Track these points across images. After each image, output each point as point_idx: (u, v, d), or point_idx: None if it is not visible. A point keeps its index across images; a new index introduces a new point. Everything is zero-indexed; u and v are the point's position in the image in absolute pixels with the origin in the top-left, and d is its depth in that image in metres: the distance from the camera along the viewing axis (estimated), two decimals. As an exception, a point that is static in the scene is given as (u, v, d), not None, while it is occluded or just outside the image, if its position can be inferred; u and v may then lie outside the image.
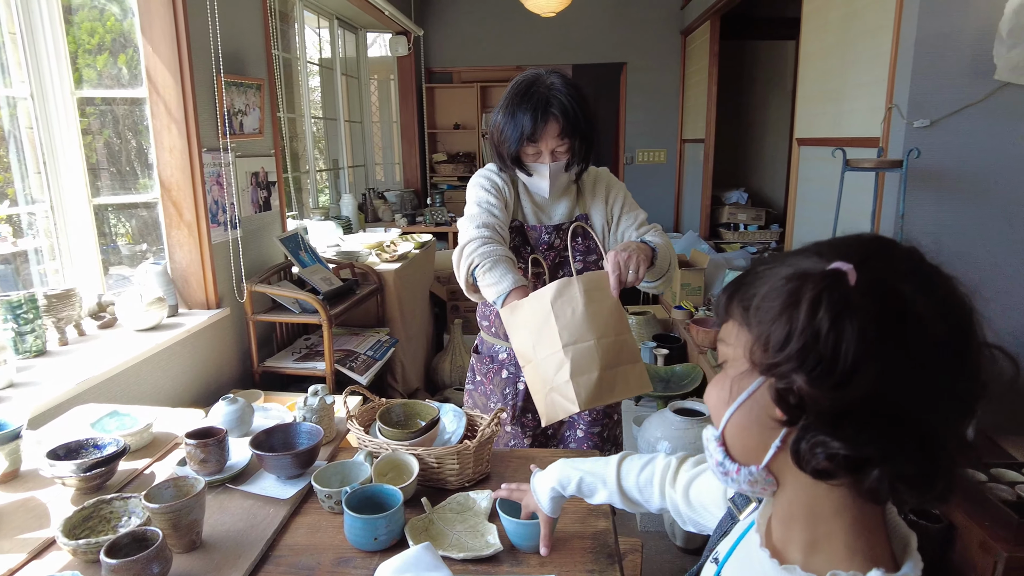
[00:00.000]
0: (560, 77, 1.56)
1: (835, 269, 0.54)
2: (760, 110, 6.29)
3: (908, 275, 0.54)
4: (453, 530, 1.24)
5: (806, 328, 0.53)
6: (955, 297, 0.56)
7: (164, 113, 2.44)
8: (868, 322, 0.51)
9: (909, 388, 0.53)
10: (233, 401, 1.60)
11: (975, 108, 2.26)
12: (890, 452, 0.53)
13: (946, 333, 0.53)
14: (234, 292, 2.69)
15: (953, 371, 0.54)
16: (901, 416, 0.53)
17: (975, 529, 1.97)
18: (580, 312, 1.36)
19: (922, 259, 0.57)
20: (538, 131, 1.52)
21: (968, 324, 0.55)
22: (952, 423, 0.56)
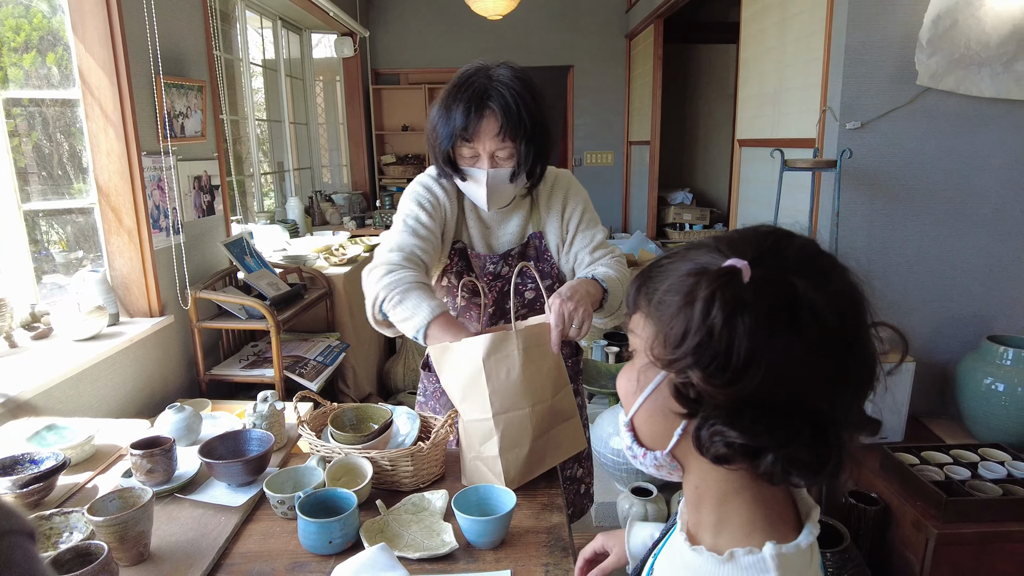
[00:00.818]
0: (509, 68, 1.36)
1: (729, 267, 0.56)
2: (704, 112, 6.46)
3: (801, 268, 0.56)
4: (409, 531, 1.25)
5: (701, 326, 0.54)
6: (847, 287, 0.59)
7: (100, 115, 2.36)
8: (760, 318, 0.54)
9: (802, 379, 0.56)
10: (180, 409, 1.57)
11: (901, 111, 2.38)
12: (784, 440, 0.57)
13: (838, 323, 0.56)
14: (178, 299, 2.62)
15: (845, 358, 0.58)
16: (795, 405, 0.56)
17: (908, 510, 2.08)
18: (516, 375, 1.22)
19: (817, 252, 0.60)
20: (471, 127, 1.31)
21: (859, 312, 0.59)
22: (846, 406, 0.60)
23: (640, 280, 0.65)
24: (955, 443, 2.37)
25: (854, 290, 0.59)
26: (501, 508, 1.22)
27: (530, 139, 1.35)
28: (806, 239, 0.61)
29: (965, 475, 2.14)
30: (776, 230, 0.61)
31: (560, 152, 6.48)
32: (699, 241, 0.63)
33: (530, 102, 1.34)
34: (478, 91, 1.31)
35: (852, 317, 0.58)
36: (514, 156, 1.37)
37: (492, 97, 1.31)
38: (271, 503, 1.30)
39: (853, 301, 0.59)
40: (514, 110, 1.31)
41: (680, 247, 0.65)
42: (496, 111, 1.31)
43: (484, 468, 1.31)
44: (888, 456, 2.25)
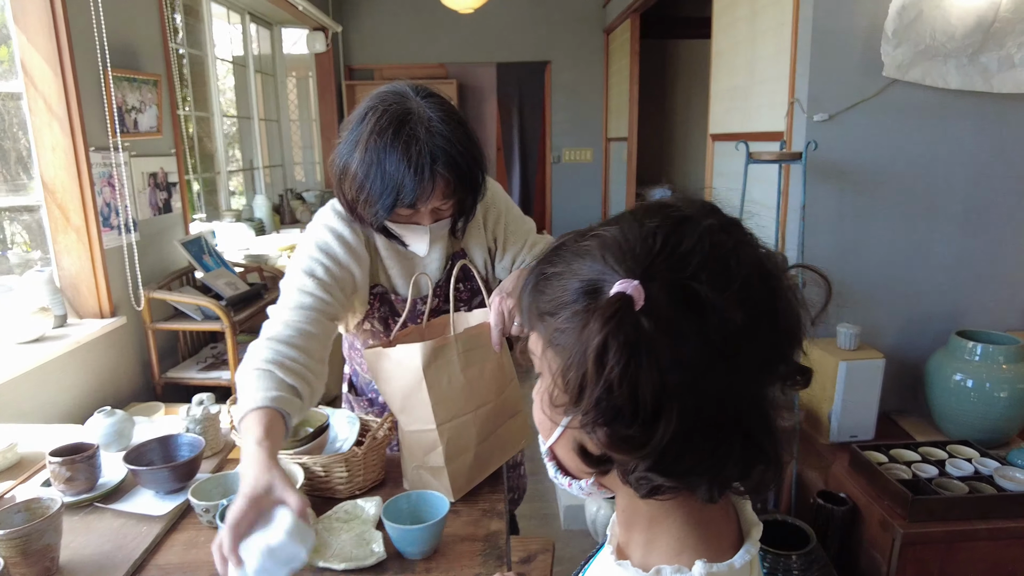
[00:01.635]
0: (436, 106, 1.16)
1: (618, 296, 0.48)
2: (682, 108, 6.43)
3: (701, 266, 0.50)
4: (338, 539, 1.18)
5: (597, 381, 0.47)
6: (753, 267, 0.52)
7: (44, 109, 2.28)
8: (664, 350, 0.47)
9: (724, 391, 0.50)
10: (110, 414, 1.50)
11: (868, 104, 2.34)
12: (716, 466, 0.52)
13: (750, 315, 0.50)
14: (131, 300, 2.54)
15: (764, 343, 0.52)
16: (720, 424, 0.51)
17: (875, 509, 2.04)
18: (458, 382, 1.17)
19: (713, 233, 0.52)
20: (422, 196, 1.14)
21: (769, 289, 0.53)
22: (772, 396, 0.55)
23: (530, 295, 0.58)
24: (924, 440, 2.34)
25: (760, 266, 0.53)
26: (434, 515, 1.16)
27: (475, 191, 1.24)
28: (698, 213, 0.54)
29: (933, 473, 2.10)
30: (664, 217, 0.53)
31: (538, 150, 6.42)
32: (584, 238, 0.55)
33: (471, 148, 1.18)
34: (423, 153, 1.12)
35: (764, 300, 0.52)
36: (456, 206, 1.25)
37: (439, 159, 1.13)
38: (196, 511, 1.24)
39: (762, 280, 0.52)
40: (464, 169, 1.16)
41: (568, 238, 0.57)
42: (446, 175, 1.14)
43: (429, 477, 1.26)
44: (857, 455, 2.21)
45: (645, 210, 0.55)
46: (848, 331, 2.32)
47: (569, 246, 0.56)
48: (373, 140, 1.13)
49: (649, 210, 0.55)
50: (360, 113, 1.18)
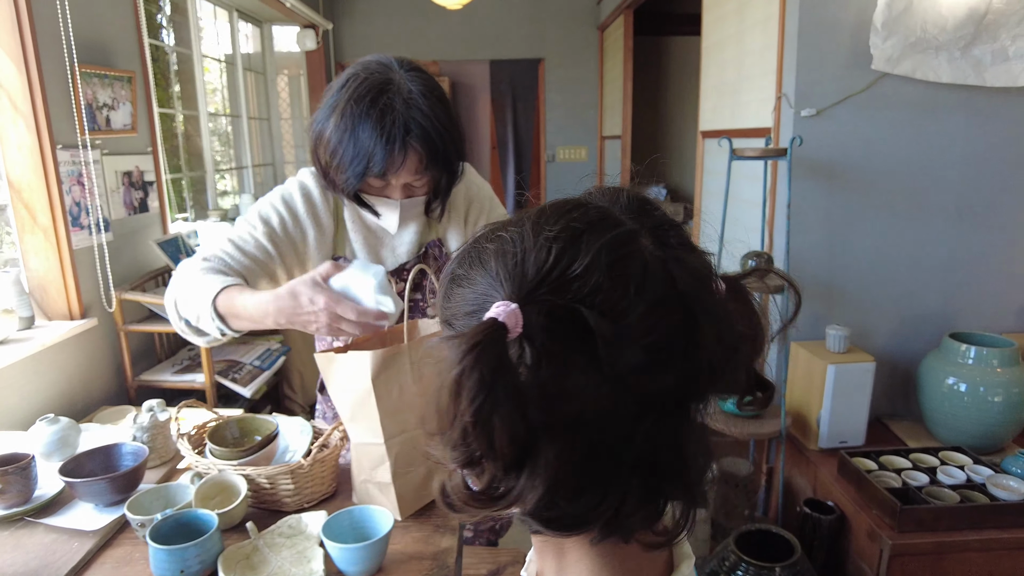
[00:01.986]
0: (419, 80, 1.13)
1: (489, 323, 0.41)
2: (677, 105, 6.35)
3: (596, 287, 0.43)
4: (278, 556, 1.12)
5: (450, 419, 0.41)
6: (670, 286, 0.45)
7: (8, 106, 2.22)
8: (532, 394, 0.41)
9: (617, 438, 0.44)
10: (53, 421, 1.44)
11: (857, 98, 2.27)
12: (603, 514, 0.45)
13: (656, 348, 0.44)
14: (102, 301, 2.48)
15: (681, 385, 0.46)
16: (610, 472, 0.44)
17: (863, 518, 1.97)
18: (410, 393, 1.12)
19: (623, 242, 0.45)
20: (391, 168, 1.13)
21: (693, 313, 0.45)
22: (694, 426, 0.48)
23: (442, 297, 0.51)
24: (916, 446, 2.27)
25: (686, 283, 0.46)
26: (378, 532, 1.09)
27: (450, 169, 1.20)
28: (608, 219, 0.47)
29: (923, 481, 2.03)
30: (565, 225, 0.46)
31: (533, 147, 6.35)
32: (491, 237, 0.49)
33: (450, 127, 1.15)
34: (397, 123, 1.09)
35: (679, 327, 0.45)
36: (429, 184, 1.21)
37: (412, 132, 1.10)
38: (132, 525, 1.17)
39: (680, 302, 0.45)
40: (438, 145, 1.13)
41: (485, 232, 0.50)
42: (418, 149, 1.11)
43: (376, 492, 1.20)
44: (845, 462, 2.13)
45: (553, 210, 0.48)
46: (837, 333, 2.25)
47: (479, 244, 0.49)
48: (350, 107, 1.11)
49: (556, 211, 0.48)
50: (342, 79, 1.16)
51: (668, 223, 0.50)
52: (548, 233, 0.45)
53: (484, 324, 0.41)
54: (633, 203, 0.51)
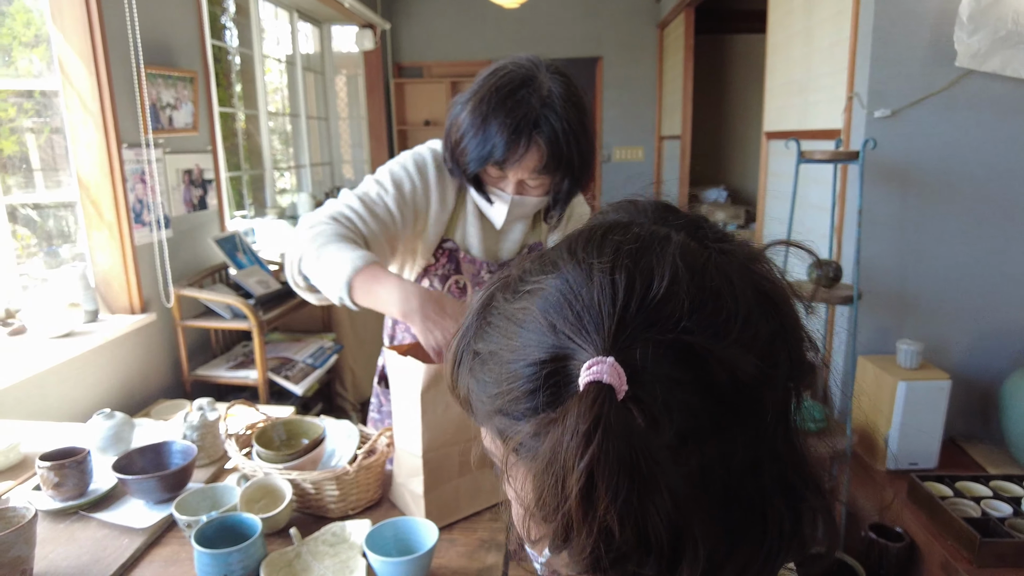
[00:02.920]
0: (562, 83, 1.11)
1: (591, 388, 0.34)
2: (739, 105, 6.16)
3: (689, 308, 0.37)
4: (321, 565, 1.10)
5: (586, 525, 0.33)
6: (750, 282, 0.40)
7: (79, 106, 2.30)
8: (672, 459, 0.34)
9: (754, 470, 0.39)
10: (109, 416, 1.46)
11: (937, 98, 2.12)
12: (774, 542, 0.40)
13: (767, 353, 0.38)
14: (161, 297, 2.54)
15: (786, 386, 0.41)
16: (760, 513, 0.39)
17: (936, 548, 1.84)
18: (455, 411, 1.07)
19: (687, 249, 0.39)
20: (511, 159, 1.12)
21: (776, 303, 0.40)
22: (795, 423, 0.43)
23: (468, 380, 0.44)
24: (996, 473, 2.11)
25: (756, 278, 0.41)
26: (421, 546, 1.06)
27: (572, 172, 1.16)
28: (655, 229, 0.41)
29: (1006, 512, 1.88)
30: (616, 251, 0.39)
31: (588, 148, 6.27)
32: (517, 296, 0.41)
33: (580, 134, 1.12)
34: (528, 117, 1.08)
35: (774, 322, 0.40)
36: (545, 187, 1.19)
37: (540, 128, 1.09)
38: (179, 525, 1.17)
39: (763, 297, 0.40)
40: (563, 147, 1.10)
41: (495, 292, 0.44)
42: (542, 145, 1.10)
43: (409, 500, 1.19)
44: (917, 486, 2.00)
45: (587, 242, 0.41)
46: (909, 348, 2.11)
47: (500, 308, 0.42)
48: (489, 95, 1.12)
49: (593, 242, 0.41)
50: (489, 69, 1.17)
51: (701, 220, 0.45)
52: (600, 264, 0.38)
53: (589, 394, 0.34)
54: (659, 209, 0.45)
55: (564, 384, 0.37)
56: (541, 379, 0.38)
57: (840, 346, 2.36)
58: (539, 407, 0.38)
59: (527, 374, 0.38)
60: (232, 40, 4.02)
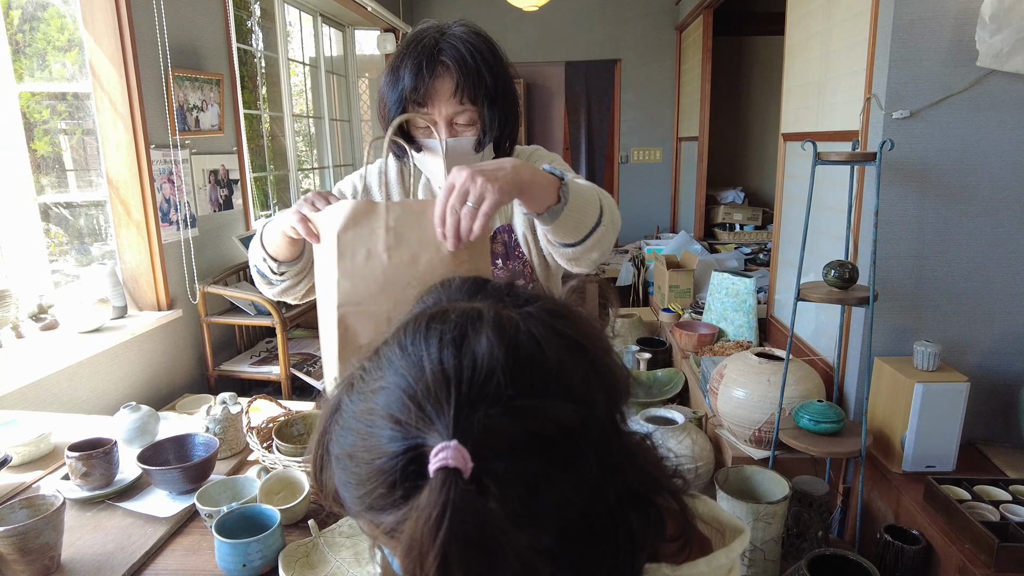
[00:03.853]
0: (464, 25, 1.17)
1: (440, 472, 0.37)
2: (757, 107, 6.13)
3: (513, 374, 0.40)
4: (337, 556, 1.13)
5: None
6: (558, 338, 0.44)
7: (109, 108, 2.37)
8: (524, 520, 0.37)
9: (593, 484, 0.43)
10: (135, 409, 1.51)
11: (957, 98, 2.11)
12: (628, 550, 0.45)
13: (583, 398, 0.43)
14: (187, 293, 2.61)
15: (611, 416, 0.46)
16: (611, 515, 0.44)
17: (953, 553, 1.83)
18: (379, 262, 0.92)
19: (495, 317, 0.43)
20: (422, 86, 1.10)
21: (589, 355, 0.45)
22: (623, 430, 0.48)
23: (326, 460, 0.46)
24: (1016, 477, 2.09)
25: (566, 334, 0.45)
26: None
27: (493, 100, 1.15)
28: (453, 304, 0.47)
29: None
30: (435, 333, 0.43)
31: (607, 148, 6.28)
32: (365, 388, 0.44)
33: (489, 58, 1.15)
34: (428, 46, 1.12)
35: (585, 371, 0.45)
36: (476, 122, 1.16)
37: (444, 51, 1.11)
38: (201, 515, 1.22)
39: (574, 350, 0.44)
40: (471, 64, 1.12)
41: (346, 391, 0.46)
42: (450, 66, 1.11)
43: (326, 376, 1.02)
44: (933, 488, 1.99)
45: (414, 335, 0.44)
46: (926, 350, 2.10)
47: (349, 411, 0.45)
48: (397, 54, 1.16)
49: (419, 334, 0.44)
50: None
51: (505, 287, 0.50)
52: (428, 355, 0.42)
53: (436, 480, 0.36)
54: (469, 286, 0.50)
55: (419, 474, 0.39)
56: (398, 472, 0.40)
57: (856, 347, 2.36)
58: (399, 499, 0.40)
59: (386, 469, 0.41)
60: (258, 44, 4.10)
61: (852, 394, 2.40)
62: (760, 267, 4.45)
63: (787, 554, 2.27)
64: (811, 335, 2.86)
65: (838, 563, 1.87)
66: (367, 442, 0.42)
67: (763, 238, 5.25)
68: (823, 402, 2.21)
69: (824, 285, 2.20)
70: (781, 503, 2.08)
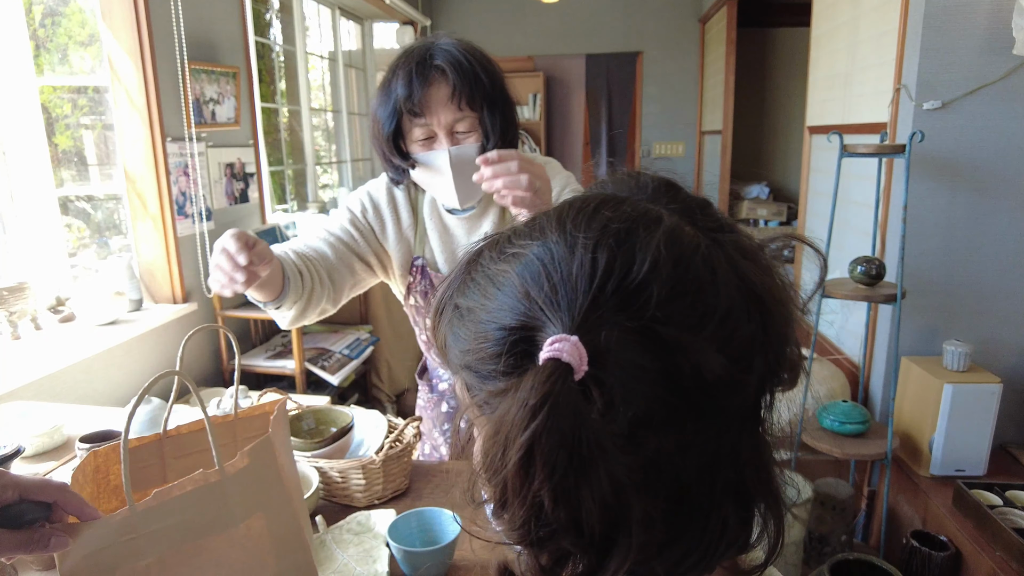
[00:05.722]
0: (452, 38, 1.15)
1: (549, 365, 0.34)
2: (782, 99, 6.02)
3: (665, 297, 0.36)
4: (345, 553, 1.11)
5: (520, 497, 0.33)
6: (740, 280, 0.38)
7: (126, 101, 2.37)
8: (618, 447, 0.34)
9: (705, 471, 0.38)
10: (147, 402, 1.50)
11: (992, 88, 2.03)
12: (703, 559, 0.40)
13: (739, 356, 0.37)
14: (203, 287, 2.61)
15: (757, 391, 0.40)
16: (704, 510, 0.39)
17: (984, 559, 1.77)
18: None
19: (676, 235, 0.38)
20: (416, 93, 1.07)
21: (766, 307, 0.39)
22: (762, 420, 0.42)
23: (447, 333, 0.43)
24: (1049, 481, 2.01)
25: (747, 276, 0.39)
26: (444, 537, 1.06)
27: (493, 104, 1.12)
28: (649, 209, 0.40)
29: (1058, 522, 1.79)
30: (603, 228, 0.38)
31: (628, 142, 6.21)
32: (502, 256, 0.41)
33: (484, 61, 1.13)
34: (419, 54, 1.10)
35: (755, 326, 0.39)
36: (477, 128, 1.13)
37: (436, 56, 1.09)
38: (209, 511, 1.20)
39: (751, 298, 0.39)
40: (467, 67, 1.09)
41: (484, 247, 0.43)
42: (445, 70, 1.08)
43: None
44: (963, 493, 1.92)
45: (576, 212, 0.40)
46: (956, 350, 2.03)
47: (484, 266, 0.42)
48: (386, 73, 1.14)
49: (581, 212, 0.40)
50: None
51: (701, 203, 0.43)
52: (585, 240, 0.38)
53: (545, 369, 0.34)
54: (660, 187, 0.44)
55: (528, 354, 0.37)
56: (507, 345, 0.38)
57: (882, 347, 2.29)
58: (501, 372, 0.38)
59: (496, 337, 0.38)
60: (276, 37, 4.10)
61: (878, 395, 2.34)
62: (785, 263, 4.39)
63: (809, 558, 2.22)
64: (836, 333, 2.79)
65: (862, 568, 1.81)
66: (489, 302, 0.40)
67: (749, 232, 5.16)
68: (848, 402, 2.15)
69: (850, 282, 2.14)
70: (803, 506, 2.02)
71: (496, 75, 1.15)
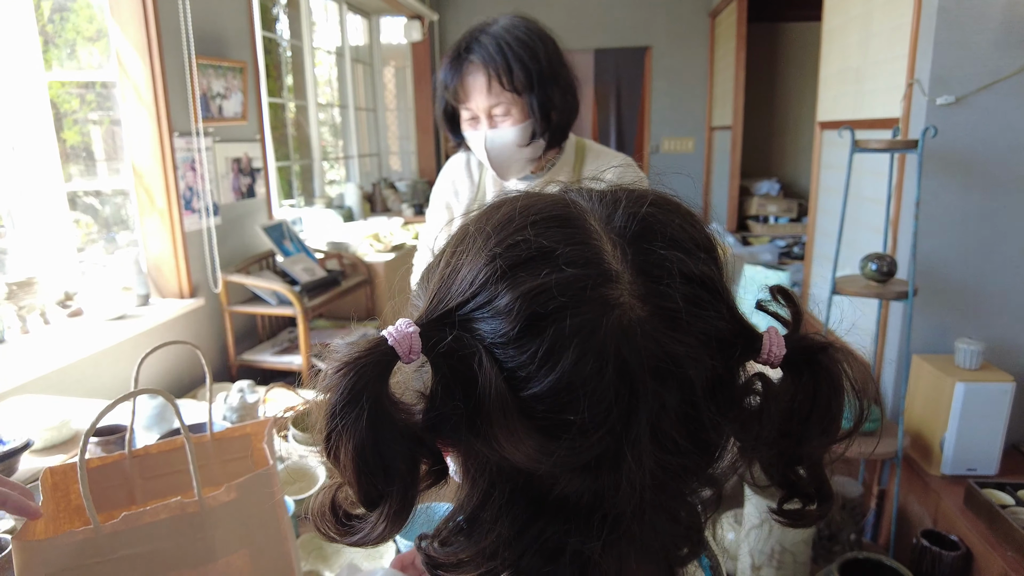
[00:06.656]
0: (511, 17, 1.20)
1: (377, 345, 0.38)
2: (793, 95, 5.97)
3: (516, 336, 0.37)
4: (351, 549, 1.11)
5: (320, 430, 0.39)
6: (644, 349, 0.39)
7: (134, 97, 2.37)
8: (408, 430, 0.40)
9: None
10: (153, 396, 1.50)
11: (1008, 83, 2.00)
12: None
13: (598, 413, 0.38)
14: (210, 282, 2.61)
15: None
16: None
17: (995, 560, 1.75)
18: None
19: (599, 275, 0.38)
20: (454, 83, 1.18)
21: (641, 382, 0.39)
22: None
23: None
24: (1062, 481, 1.99)
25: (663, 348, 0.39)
26: (449, 534, 1.05)
27: (532, 88, 1.16)
28: (577, 234, 0.40)
29: (1071, 522, 1.77)
30: (521, 239, 0.39)
31: (636, 138, 6.17)
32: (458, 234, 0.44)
33: (530, 45, 1.16)
34: (460, 44, 1.19)
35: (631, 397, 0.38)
36: (512, 110, 1.18)
37: (473, 49, 1.17)
38: (215, 506, 1.19)
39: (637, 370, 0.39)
40: (498, 59, 1.15)
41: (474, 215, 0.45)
42: (477, 62, 1.16)
43: None
44: (974, 492, 1.90)
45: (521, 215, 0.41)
46: (969, 348, 2.00)
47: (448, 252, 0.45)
48: (444, 58, 1.23)
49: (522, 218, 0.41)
50: None
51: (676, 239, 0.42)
52: (493, 249, 0.39)
53: (372, 342, 0.38)
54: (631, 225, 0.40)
55: None
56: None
57: (893, 344, 2.27)
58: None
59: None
60: (283, 32, 4.09)
61: (889, 393, 2.31)
62: (795, 261, 4.36)
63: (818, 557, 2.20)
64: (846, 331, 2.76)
65: (871, 568, 1.80)
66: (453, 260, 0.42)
67: (798, 231, 5.12)
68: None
69: (861, 279, 2.12)
70: (812, 504, 2.00)
71: (540, 58, 1.17)
